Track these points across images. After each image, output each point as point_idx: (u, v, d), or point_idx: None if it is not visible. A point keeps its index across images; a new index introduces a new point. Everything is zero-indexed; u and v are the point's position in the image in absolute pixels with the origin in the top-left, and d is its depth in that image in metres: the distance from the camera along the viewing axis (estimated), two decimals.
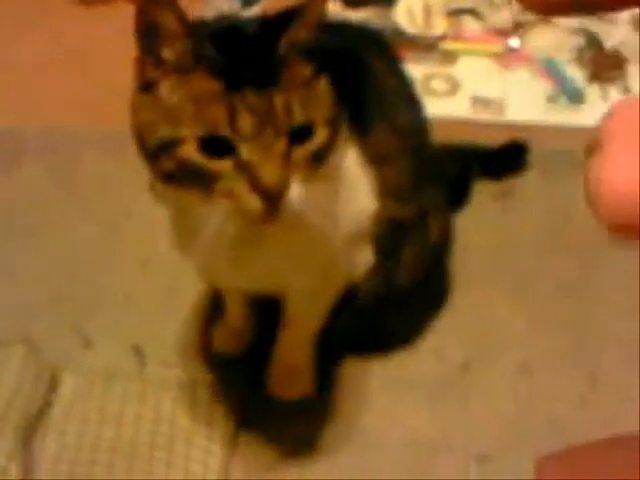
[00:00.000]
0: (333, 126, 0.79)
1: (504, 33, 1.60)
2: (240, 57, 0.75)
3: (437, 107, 1.50)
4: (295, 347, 1.08)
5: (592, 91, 1.52)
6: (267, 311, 1.10)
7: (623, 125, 0.26)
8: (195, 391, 1.11)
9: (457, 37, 1.60)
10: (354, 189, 0.86)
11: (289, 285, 0.97)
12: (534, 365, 1.13)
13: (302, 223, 0.78)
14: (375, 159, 0.91)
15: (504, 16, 1.60)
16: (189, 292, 1.18)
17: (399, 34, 1.58)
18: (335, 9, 1.66)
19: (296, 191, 0.75)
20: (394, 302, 1.07)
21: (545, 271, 1.23)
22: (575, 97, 1.50)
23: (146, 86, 0.77)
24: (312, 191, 0.77)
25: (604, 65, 1.55)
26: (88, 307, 1.21)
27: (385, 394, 1.11)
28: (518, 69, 1.56)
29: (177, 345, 1.16)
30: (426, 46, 1.58)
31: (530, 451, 1.04)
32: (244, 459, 1.05)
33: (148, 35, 0.75)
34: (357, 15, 1.63)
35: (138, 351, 1.16)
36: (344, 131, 0.83)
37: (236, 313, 1.13)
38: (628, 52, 1.56)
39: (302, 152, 0.76)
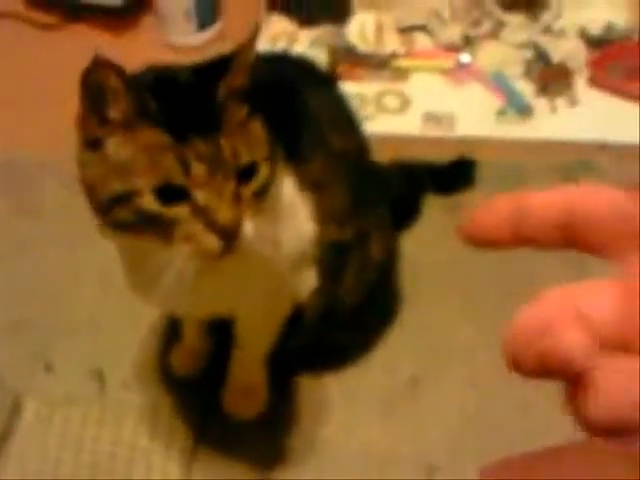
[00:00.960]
0: (271, 161, 0.83)
1: (455, 49, 1.64)
2: (182, 107, 0.79)
3: (389, 124, 1.54)
4: (248, 366, 1.12)
5: (540, 104, 1.56)
6: (221, 333, 1.13)
7: None
8: (154, 413, 1.15)
9: (409, 54, 1.64)
10: (293, 216, 0.90)
11: (240, 308, 1.01)
12: (480, 378, 1.17)
13: (252, 252, 0.82)
14: (311, 186, 0.95)
15: (454, 32, 1.64)
16: (147, 317, 1.22)
17: (352, 52, 1.62)
18: (290, 28, 1.69)
19: (248, 226, 0.80)
20: (341, 320, 1.11)
21: (493, 285, 1.27)
22: (523, 111, 1.55)
23: (91, 143, 0.80)
24: (257, 222, 0.81)
25: (552, 78, 1.59)
26: (50, 333, 1.24)
27: (338, 408, 1.15)
28: (468, 84, 1.60)
29: (137, 368, 1.20)
30: (378, 63, 1.62)
31: (477, 461, 1.08)
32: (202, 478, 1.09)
33: (92, 96, 0.79)
34: (311, 34, 1.67)
35: (99, 375, 1.19)
36: (280, 162, 0.87)
37: (192, 336, 1.16)
38: (575, 65, 1.60)
39: (249, 190, 0.81)
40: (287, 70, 1.07)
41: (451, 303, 1.25)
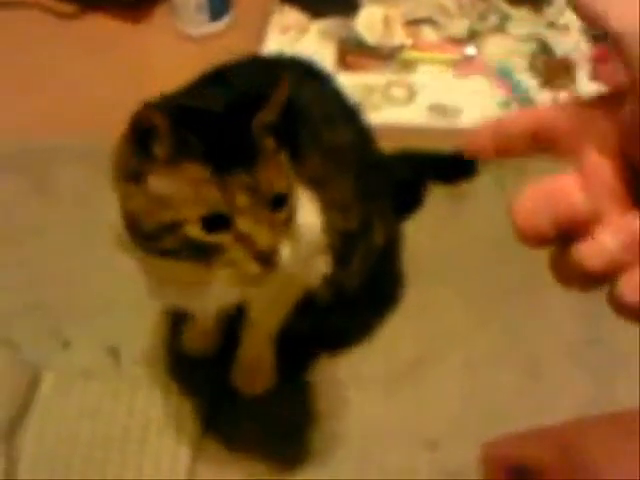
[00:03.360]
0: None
1: (460, 42, 1.68)
2: (221, 141, 0.86)
3: (396, 114, 1.58)
4: (257, 345, 1.18)
5: (543, 97, 1.60)
6: (233, 313, 1.18)
7: None
8: (166, 389, 1.20)
9: (415, 46, 1.68)
10: (302, 211, 0.94)
11: (256, 298, 1.07)
12: (479, 361, 1.22)
13: (287, 273, 0.90)
14: (314, 181, 1.00)
15: (460, 25, 1.69)
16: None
17: (360, 44, 1.66)
18: (300, 20, 1.74)
19: (285, 250, 0.86)
20: (347, 304, 1.16)
21: (493, 273, 1.32)
22: (527, 103, 1.59)
23: (132, 176, 0.87)
24: (289, 245, 0.89)
25: (555, 72, 1.63)
26: (66, 311, 1.29)
27: (342, 389, 1.20)
28: (473, 76, 1.64)
29: (150, 346, 1.25)
30: (386, 55, 1.66)
31: (477, 438, 1.13)
32: (212, 453, 1.14)
33: (138, 133, 0.85)
34: (320, 25, 1.71)
35: (113, 352, 1.24)
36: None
37: (204, 317, 1.21)
38: (578, 59, 1.64)
39: (282, 216, 0.88)
40: (281, 70, 1.12)
41: (452, 288, 1.30)
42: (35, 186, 1.45)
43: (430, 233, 1.36)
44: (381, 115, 1.55)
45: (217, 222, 0.84)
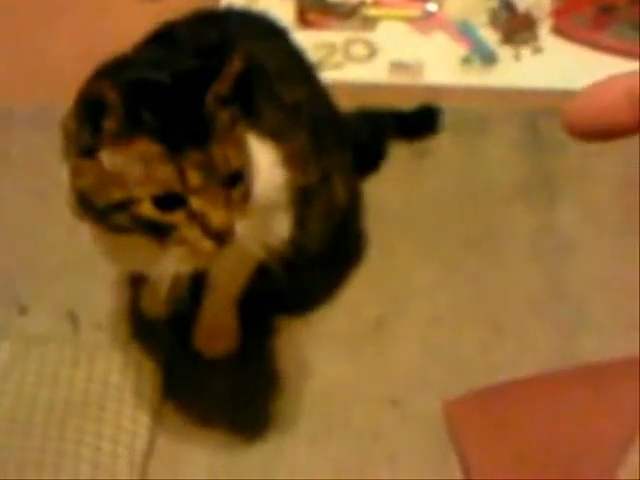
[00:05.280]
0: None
1: None
2: (173, 117, 0.83)
3: (357, 72, 1.56)
4: (219, 308, 1.16)
5: (505, 53, 1.59)
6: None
7: None
8: (126, 353, 1.18)
9: (376, 3, 1.65)
10: (259, 165, 0.92)
11: (213, 265, 1.05)
12: (443, 317, 1.21)
13: (241, 247, 0.89)
14: (272, 135, 0.98)
15: None
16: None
17: (320, 1, 1.64)
18: None
19: (239, 227, 0.85)
20: (310, 264, 1.14)
21: (455, 228, 1.31)
22: (488, 59, 1.57)
23: (84, 151, 0.84)
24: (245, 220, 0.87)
25: (516, 27, 1.62)
26: (23, 277, 1.26)
27: (306, 349, 1.19)
28: (435, 33, 1.62)
29: (109, 310, 1.23)
30: (346, 12, 1.63)
31: (441, 395, 1.13)
32: (172, 417, 1.13)
33: (88, 106, 0.83)
34: None
35: (72, 316, 1.22)
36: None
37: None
38: (539, 14, 1.63)
39: (238, 193, 0.86)
40: (237, 26, 1.10)
41: (415, 244, 1.29)
42: None
43: (392, 190, 1.35)
44: (342, 73, 1.53)
45: (170, 201, 0.83)
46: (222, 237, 0.84)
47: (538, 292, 1.23)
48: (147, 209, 0.83)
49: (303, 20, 1.62)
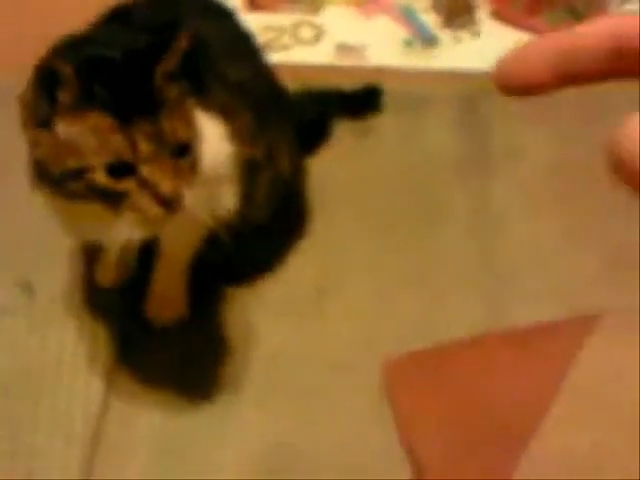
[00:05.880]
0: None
1: None
2: (124, 90, 0.89)
3: (304, 54, 1.62)
4: (169, 277, 1.22)
5: (445, 36, 1.66)
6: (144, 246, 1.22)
7: None
8: (80, 322, 1.23)
9: None
10: (207, 139, 0.98)
11: (164, 233, 1.10)
12: (382, 287, 1.28)
13: (189, 214, 0.94)
14: (219, 111, 1.04)
15: None
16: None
17: None
18: None
19: (188, 196, 0.91)
20: (255, 235, 1.20)
21: (395, 203, 1.38)
22: (429, 42, 1.64)
23: (41, 122, 0.90)
24: (193, 188, 0.93)
25: (457, 11, 1.69)
26: None
27: (252, 317, 1.25)
28: (378, 16, 1.69)
29: (63, 280, 1.28)
30: None
31: (378, 359, 1.19)
32: (124, 384, 1.18)
33: (44, 79, 0.88)
34: None
35: (27, 287, 1.26)
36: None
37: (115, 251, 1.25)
38: None
39: (186, 164, 0.92)
40: (187, 7, 1.15)
41: (357, 219, 1.35)
42: None
43: (336, 166, 1.41)
44: (290, 55, 1.59)
45: (122, 169, 0.88)
46: (171, 204, 0.89)
47: (472, 264, 1.30)
48: (100, 177, 0.88)
49: (252, 3, 1.67)
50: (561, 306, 1.20)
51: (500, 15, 1.69)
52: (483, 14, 1.69)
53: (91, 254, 1.28)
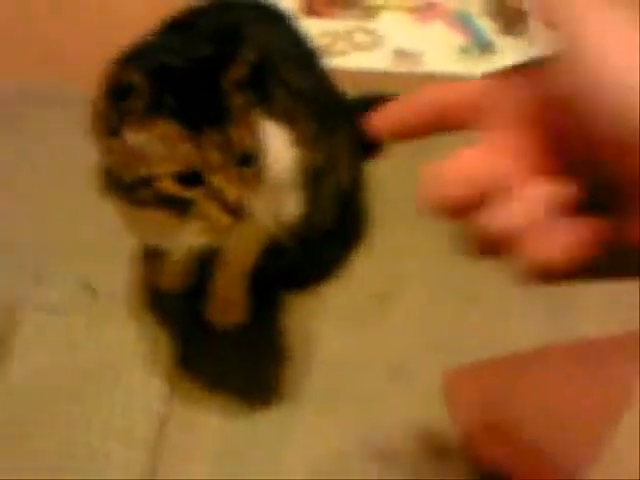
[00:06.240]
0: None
1: None
2: (193, 99, 0.89)
3: (360, 60, 1.62)
4: (230, 282, 1.22)
5: (502, 43, 1.65)
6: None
7: None
8: (141, 323, 1.24)
9: None
10: (271, 147, 0.98)
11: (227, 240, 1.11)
12: (443, 295, 1.27)
13: (256, 221, 0.95)
14: (282, 118, 1.04)
15: None
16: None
17: None
18: None
19: (254, 203, 0.91)
20: (316, 242, 1.20)
21: None
22: (486, 48, 1.64)
23: (112, 131, 0.91)
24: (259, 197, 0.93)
25: (513, 18, 1.68)
26: (42, 251, 1.31)
27: (312, 322, 1.25)
28: (434, 22, 1.68)
29: (125, 282, 1.28)
30: (350, 2, 1.69)
31: (439, 367, 1.19)
32: (185, 386, 1.19)
33: (113, 88, 0.89)
34: None
35: (88, 287, 1.28)
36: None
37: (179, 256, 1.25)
38: (529, 7, 1.69)
39: (252, 172, 0.93)
40: (247, 14, 1.16)
41: (417, 227, 1.34)
42: (11, 127, 1.47)
43: (395, 172, 1.41)
44: (347, 61, 1.59)
45: (190, 178, 0.89)
46: (237, 212, 0.90)
47: None
48: (169, 185, 0.89)
49: (308, 9, 1.67)
50: (626, 318, 1.19)
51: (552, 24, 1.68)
52: (535, 23, 1.68)
53: (152, 257, 1.29)
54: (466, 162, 0.47)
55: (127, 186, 0.91)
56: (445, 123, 0.49)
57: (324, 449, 1.13)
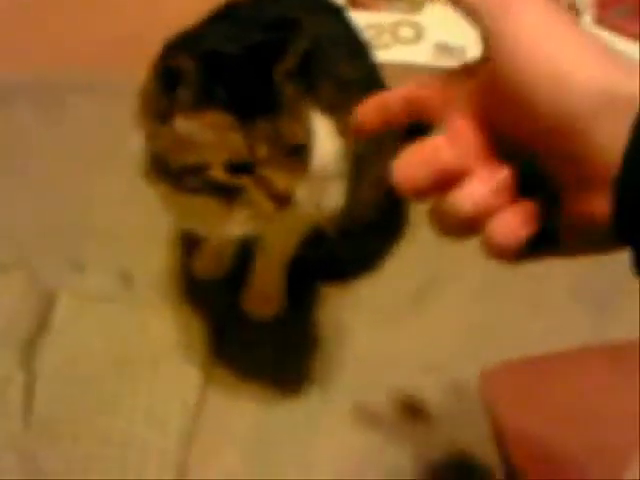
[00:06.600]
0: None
1: None
2: (244, 89, 0.89)
3: (404, 53, 1.61)
4: (268, 272, 1.22)
5: None
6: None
7: None
8: (178, 312, 1.24)
9: None
10: (318, 136, 0.98)
11: (269, 228, 1.11)
12: (482, 293, 1.26)
13: (300, 211, 0.96)
14: (329, 109, 1.04)
15: None
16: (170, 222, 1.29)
17: None
18: None
19: (300, 192, 0.92)
20: (355, 234, 1.20)
21: None
22: None
23: (161, 117, 0.90)
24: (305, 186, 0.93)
25: None
26: (80, 237, 1.32)
27: (347, 315, 1.25)
28: None
29: (162, 270, 1.29)
30: None
31: (474, 365, 1.18)
32: (221, 376, 1.19)
33: (164, 75, 0.88)
34: None
35: (126, 276, 1.28)
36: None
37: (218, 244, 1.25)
38: (583, 4, 1.67)
39: (300, 162, 0.93)
40: (295, 3, 1.15)
41: None
42: (46, 118, 1.48)
43: None
44: (390, 54, 1.58)
45: (239, 166, 0.89)
46: (284, 200, 0.90)
47: (576, 271, 1.27)
48: (219, 173, 0.89)
49: (355, 1, 1.67)
50: None
51: (603, 22, 1.66)
52: (587, 20, 1.66)
53: (189, 244, 1.29)
54: (429, 147, 0.53)
55: (174, 173, 0.91)
56: (417, 115, 0.57)
57: (355, 441, 1.13)
